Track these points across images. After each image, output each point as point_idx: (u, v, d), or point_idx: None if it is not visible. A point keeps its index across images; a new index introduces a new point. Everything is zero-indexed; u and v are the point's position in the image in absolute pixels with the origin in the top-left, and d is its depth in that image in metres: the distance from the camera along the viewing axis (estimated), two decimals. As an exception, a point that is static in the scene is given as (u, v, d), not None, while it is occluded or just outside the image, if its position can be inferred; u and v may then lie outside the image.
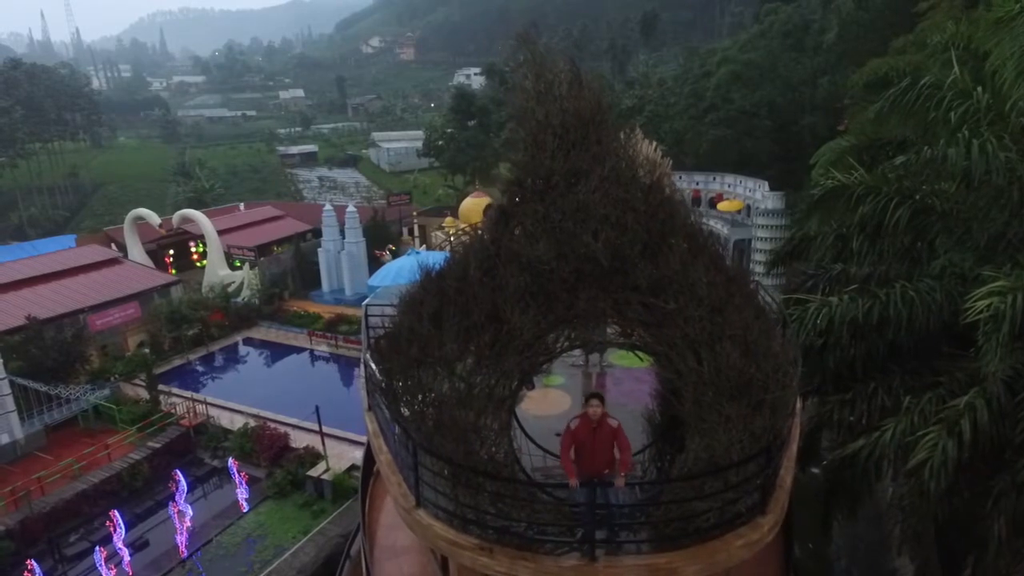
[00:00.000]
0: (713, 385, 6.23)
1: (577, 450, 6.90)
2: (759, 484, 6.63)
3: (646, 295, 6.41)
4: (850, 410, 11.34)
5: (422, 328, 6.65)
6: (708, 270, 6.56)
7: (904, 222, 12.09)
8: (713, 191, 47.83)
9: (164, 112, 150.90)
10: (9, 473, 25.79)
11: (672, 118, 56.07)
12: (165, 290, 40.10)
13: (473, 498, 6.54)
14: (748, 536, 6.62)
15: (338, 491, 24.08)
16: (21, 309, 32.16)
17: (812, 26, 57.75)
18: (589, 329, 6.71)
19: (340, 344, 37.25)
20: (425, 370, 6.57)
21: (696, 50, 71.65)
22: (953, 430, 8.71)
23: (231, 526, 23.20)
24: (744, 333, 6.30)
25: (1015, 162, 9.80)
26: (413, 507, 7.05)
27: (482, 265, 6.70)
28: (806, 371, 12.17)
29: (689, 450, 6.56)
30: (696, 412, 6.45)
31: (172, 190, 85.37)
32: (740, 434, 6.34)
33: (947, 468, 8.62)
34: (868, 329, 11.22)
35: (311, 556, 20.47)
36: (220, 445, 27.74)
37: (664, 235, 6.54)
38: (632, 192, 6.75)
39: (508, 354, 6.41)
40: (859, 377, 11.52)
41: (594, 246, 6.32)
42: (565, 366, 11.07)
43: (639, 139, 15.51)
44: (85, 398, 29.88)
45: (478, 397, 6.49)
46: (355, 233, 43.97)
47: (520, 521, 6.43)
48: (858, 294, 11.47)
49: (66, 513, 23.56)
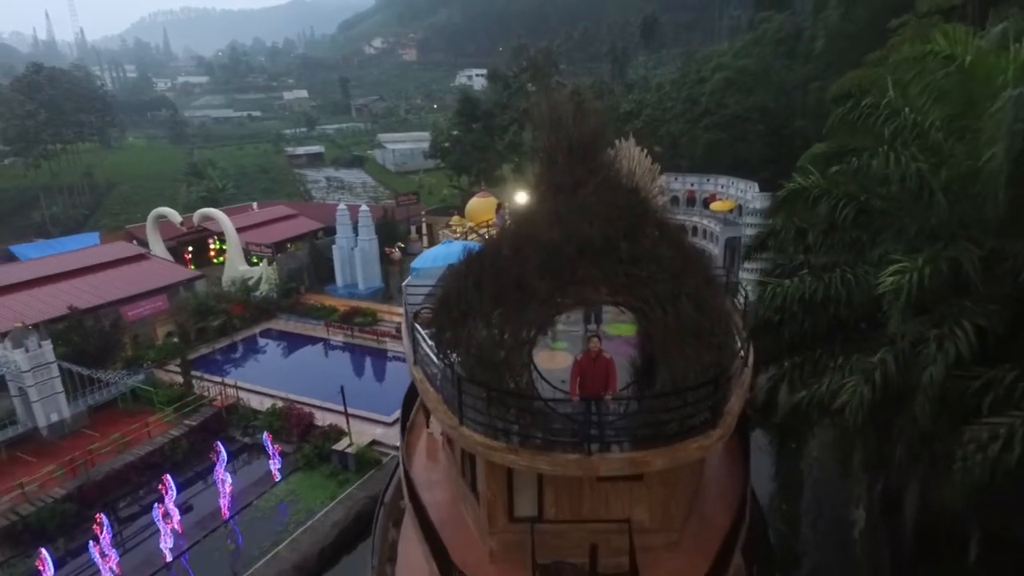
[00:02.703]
0: (674, 330, 8.80)
1: (581, 377, 9.52)
2: (710, 405, 9.22)
3: (627, 266, 8.97)
4: (800, 371, 13.90)
5: (467, 291, 9.21)
6: (670, 249, 9.13)
7: (850, 219, 14.62)
8: (707, 191, 50.27)
9: (172, 113, 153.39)
10: (60, 448, 28.30)
11: (669, 122, 58.58)
12: (189, 284, 42.66)
13: (503, 414, 9.12)
14: (701, 442, 9.22)
15: (361, 462, 26.57)
16: (62, 300, 34.71)
17: (803, 34, 60.37)
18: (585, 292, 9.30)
19: (356, 334, 39.83)
20: (469, 321, 9.13)
21: (693, 55, 74.06)
22: (868, 379, 11.27)
23: (265, 493, 25.73)
24: (697, 293, 8.87)
25: (925, 171, 12.33)
26: (457, 424, 9.63)
27: (511, 245, 9.30)
28: (768, 341, 14.87)
29: (658, 379, 9.16)
30: (663, 351, 9.04)
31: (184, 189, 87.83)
32: (695, 367, 8.93)
33: (863, 408, 11.19)
34: (815, 306, 13.78)
35: (342, 514, 23.04)
36: (250, 424, 30.25)
37: (639, 225, 9.08)
38: (617, 195, 9.31)
39: (528, 309, 8.98)
40: (808, 345, 14.08)
41: (590, 233, 8.88)
42: (568, 335, 13.64)
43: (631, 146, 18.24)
44: (124, 381, 32.40)
45: (507, 341, 9.07)
46: (368, 231, 46.48)
47: (537, 429, 9.02)
48: (807, 277, 14.04)
49: (116, 481, 26.09)
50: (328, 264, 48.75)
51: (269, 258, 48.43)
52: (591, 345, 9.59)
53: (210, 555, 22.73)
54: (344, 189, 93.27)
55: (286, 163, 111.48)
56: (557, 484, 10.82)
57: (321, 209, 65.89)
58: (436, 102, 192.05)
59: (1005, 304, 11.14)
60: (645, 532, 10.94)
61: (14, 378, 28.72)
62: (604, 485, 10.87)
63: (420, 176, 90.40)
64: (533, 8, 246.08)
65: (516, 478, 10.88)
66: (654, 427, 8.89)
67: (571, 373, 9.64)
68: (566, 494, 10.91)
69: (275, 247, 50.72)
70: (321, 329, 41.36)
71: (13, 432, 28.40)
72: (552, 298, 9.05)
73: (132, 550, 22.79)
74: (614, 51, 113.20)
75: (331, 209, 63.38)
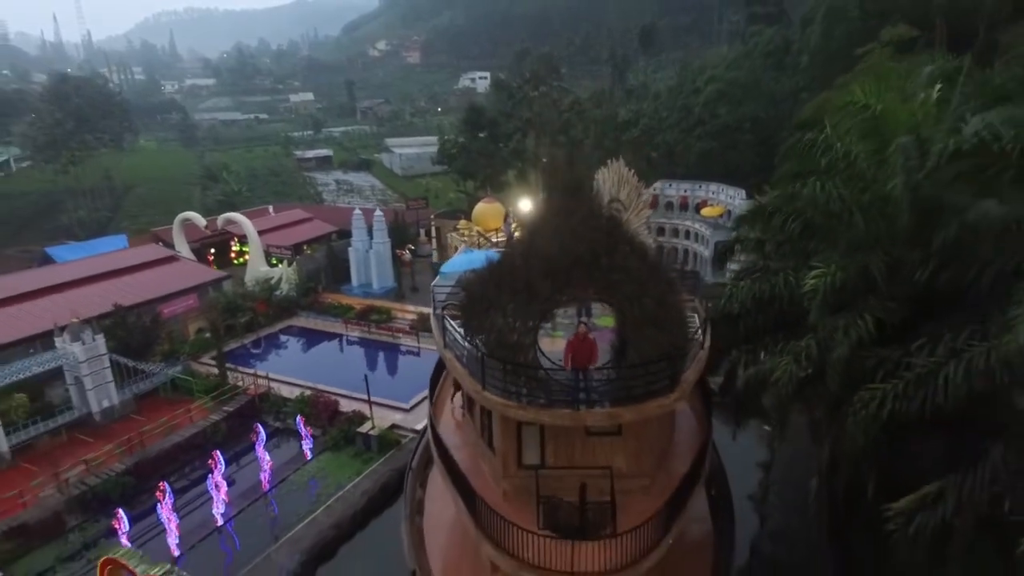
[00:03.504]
0: (639, 320, 12.09)
1: (572, 353, 12.86)
2: (668, 375, 12.53)
3: (606, 274, 12.24)
4: (752, 357, 17.19)
5: (490, 290, 12.52)
6: (637, 261, 12.40)
7: (796, 232, 17.93)
8: (699, 197, 53.50)
9: (183, 116, 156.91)
10: (112, 430, 31.63)
11: (664, 131, 61.84)
12: (217, 284, 46.04)
13: (514, 381, 12.44)
14: (661, 402, 12.55)
15: (383, 443, 29.85)
16: (108, 298, 38.05)
17: (792, 47, 63.58)
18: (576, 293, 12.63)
19: (372, 330, 43.19)
20: (491, 313, 12.43)
21: (688, 65, 77.23)
22: (797, 359, 14.57)
23: (299, 470, 29.04)
24: (657, 294, 12.15)
25: (845, 196, 15.59)
26: (481, 390, 12.95)
27: (522, 256, 12.62)
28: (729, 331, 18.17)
29: (629, 356, 12.47)
30: (633, 335, 12.35)
31: (199, 192, 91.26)
32: (655, 347, 12.24)
33: (792, 382, 14.49)
34: (764, 303, 17.09)
35: (369, 485, 26.40)
36: (281, 410, 33.58)
37: (616, 244, 12.34)
38: (600, 221, 12.59)
39: (534, 304, 12.28)
40: (759, 334, 17.37)
41: (580, 249, 12.17)
42: (565, 325, 16.94)
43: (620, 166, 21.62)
44: (165, 372, 35.78)
45: (518, 327, 12.39)
46: (382, 234, 49.87)
47: (539, 392, 12.34)
48: (759, 280, 17.35)
49: (167, 459, 29.47)
50: (344, 265, 52.12)
51: (289, 259, 51.75)
52: (579, 329, 12.91)
53: (253, 521, 26.02)
54: (353, 192, 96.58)
55: (295, 166, 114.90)
56: (555, 438, 14.17)
57: (334, 212, 69.31)
58: (440, 105, 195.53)
59: (902, 301, 14.42)
60: (623, 477, 14.27)
61: (71, 368, 32.03)
62: (591, 439, 14.21)
63: (427, 180, 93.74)
64: (535, 11, 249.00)
65: (524, 434, 14.22)
66: (626, 390, 12.22)
67: (564, 350, 12.98)
68: (562, 446, 14.26)
69: (293, 249, 54.08)
70: (339, 326, 44.72)
71: (70, 416, 31.74)
72: (552, 296, 12.36)
73: (187, 516, 26.10)
74: (614, 58, 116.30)
75: (343, 212, 66.96)
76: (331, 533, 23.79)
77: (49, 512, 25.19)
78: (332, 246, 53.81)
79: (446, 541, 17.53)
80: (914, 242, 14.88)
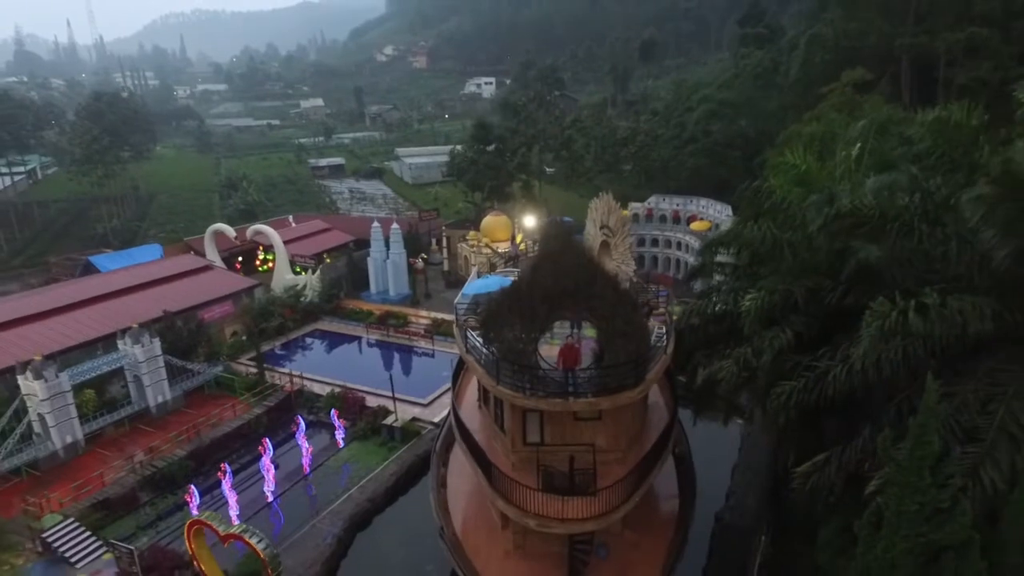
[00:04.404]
0: (611, 333, 16.59)
1: (563, 357, 17.40)
2: (634, 373, 17.04)
3: (587, 300, 16.74)
4: (708, 361, 21.63)
5: (503, 309, 17.04)
6: (610, 290, 16.90)
7: (746, 260, 22.42)
8: (690, 211, 57.88)
9: (199, 124, 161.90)
10: (167, 422, 36.26)
11: (659, 147, 66.29)
12: (249, 291, 50.67)
13: (521, 378, 16.99)
14: (629, 394, 17.07)
15: (405, 434, 34.38)
16: (157, 304, 42.67)
17: (780, 68, 67.94)
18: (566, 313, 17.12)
19: (391, 334, 47.77)
20: (504, 327, 16.94)
21: (684, 82, 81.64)
22: (737, 363, 19.03)
23: (333, 456, 33.57)
24: (624, 314, 16.64)
25: (778, 235, 20.03)
26: (495, 384, 17.49)
27: (526, 286, 17.16)
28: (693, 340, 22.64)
29: (605, 359, 17.00)
30: (607, 344, 16.87)
31: (220, 201, 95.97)
32: (624, 353, 16.76)
33: (735, 379, 18.96)
34: (718, 318, 21.55)
35: (395, 468, 31.01)
36: (314, 405, 38.15)
37: (594, 279, 16.84)
38: (582, 263, 17.11)
39: (535, 322, 16.80)
40: (714, 343, 21.82)
41: (568, 283, 16.69)
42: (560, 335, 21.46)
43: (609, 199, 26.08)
44: (209, 371, 40.39)
45: (523, 338, 16.90)
46: (398, 245, 54.49)
47: (539, 386, 16.89)
48: (714, 298, 21.82)
49: (218, 446, 34.05)
50: (363, 273, 56.74)
51: (313, 268, 56.35)
52: (568, 340, 17.37)
53: (296, 499, 30.55)
54: (366, 200, 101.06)
55: (309, 174, 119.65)
56: (551, 422, 18.68)
57: (350, 222, 73.88)
58: (447, 111, 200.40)
59: (817, 318, 18.86)
60: (602, 451, 18.79)
61: (131, 367, 36.65)
62: (578, 423, 18.73)
63: (436, 189, 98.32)
64: (541, 17, 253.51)
65: (527, 419, 18.75)
66: (603, 385, 16.72)
67: (557, 355, 17.53)
68: (556, 428, 18.79)
69: (315, 258, 58.71)
70: (361, 329, 49.33)
71: (131, 410, 36.38)
72: (548, 317, 16.90)
73: (240, 493, 30.65)
74: (615, 70, 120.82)
75: (358, 222, 71.66)
76: (366, 506, 28.39)
77: (127, 489, 29.84)
78: (352, 256, 58.37)
79: (464, 506, 22.21)
80: (828, 273, 19.31)
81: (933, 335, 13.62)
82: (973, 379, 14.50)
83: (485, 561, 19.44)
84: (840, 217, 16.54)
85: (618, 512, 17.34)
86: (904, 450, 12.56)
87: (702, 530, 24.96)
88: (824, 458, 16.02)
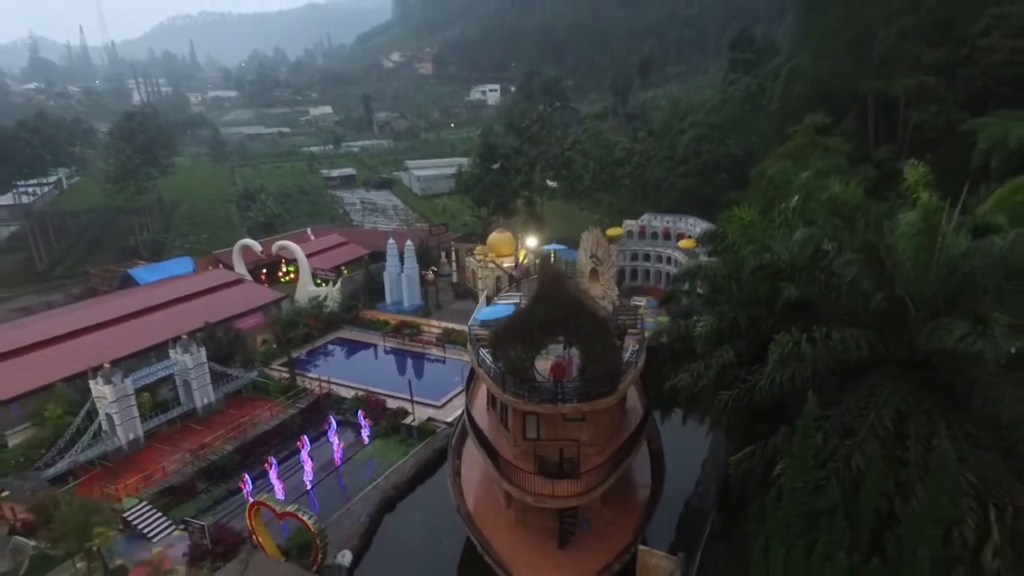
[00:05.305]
0: (591, 354, 21.66)
1: (553, 371, 22.56)
2: (608, 383, 22.19)
3: (574, 329, 21.80)
4: (675, 373, 26.67)
5: (508, 333, 22.13)
6: (591, 319, 21.98)
7: (708, 290, 27.49)
8: (680, 229, 62.79)
9: (214, 133, 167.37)
10: (212, 422, 41.39)
11: (653, 167, 71.29)
12: (277, 303, 55.88)
13: (521, 387, 22.16)
14: (606, 400, 22.27)
15: (422, 432, 39.46)
16: (198, 316, 47.87)
17: (766, 92, 72.90)
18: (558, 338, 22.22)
19: (407, 342, 52.93)
20: (508, 348, 22.03)
21: (679, 102, 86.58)
22: (691, 376, 24.08)
23: (359, 451, 38.68)
24: (601, 337, 21.69)
25: (725, 272, 25.05)
26: (501, 392, 22.68)
27: (527, 315, 22.28)
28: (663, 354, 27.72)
29: (586, 373, 22.15)
30: (589, 361, 21.99)
31: (239, 213, 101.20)
32: (601, 369, 21.90)
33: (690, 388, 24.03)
34: (683, 337, 26.61)
35: (415, 461, 36.14)
36: (340, 407, 43.27)
37: (580, 312, 21.91)
38: (569, 297, 22.20)
39: (533, 343, 21.88)
40: (680, 358, 26.86)
41: (559, 315, 21.75)
42: (555, 353, 26.57)
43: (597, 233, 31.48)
44: (246, 376, 45.56)
45: (523, 356, 22.01)
46: (412, 260, 59.68)
47: (536, 394, 22.06)
48: (680, 320, 26.90)
49: (260, 443, 39.21)
50: (379, 285, 61.90)
51: (334, 280, 61.52)
52: (559, 359, 22.56)
53: (329, 488, 35.61)
54: (377, 212, 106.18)
55: (321, 184, 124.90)
56: (545, 422, 23.81)
57: (364, 235, 79.07)
58: (453, 118, 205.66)
59: (754, 342, 23.89)
60: (586, 445, 23.91)
61: (181, 373, 41.84)
62: (566, 423, 23.87)
63: (444, 201, 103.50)
64: (544, 24, 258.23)
65: (526, 420, 23.89)
66: (585, 393, 21.84)
67: (549, 369, 22.71)
68: (550, 427, 23.92)
69: (335, 271, 63.93)
70: (378, 337, 54.48)
71: (181, 411, 41.56)
72: (543, 340, 22.04)
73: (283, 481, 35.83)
74: (615, 85, 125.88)
75: (372, 235, 77.00)
76: (391, 493, 33.52)
77: (187, 478, 35.00)
78: (369, 269, 63.57)
79: (476, 489, 27.44)
80: (765, 304, 24.37)
81: (819, 360, 18.66)
82: (856, 392, 19.55)
83: (493, 532, 24.59)
84: (763, 267, 21.61)
85: (596, 491, 22.48)
86: (796, 443, 17.66)
87: (673, 513, 30.15)
88: (751, 450, 21.11)
